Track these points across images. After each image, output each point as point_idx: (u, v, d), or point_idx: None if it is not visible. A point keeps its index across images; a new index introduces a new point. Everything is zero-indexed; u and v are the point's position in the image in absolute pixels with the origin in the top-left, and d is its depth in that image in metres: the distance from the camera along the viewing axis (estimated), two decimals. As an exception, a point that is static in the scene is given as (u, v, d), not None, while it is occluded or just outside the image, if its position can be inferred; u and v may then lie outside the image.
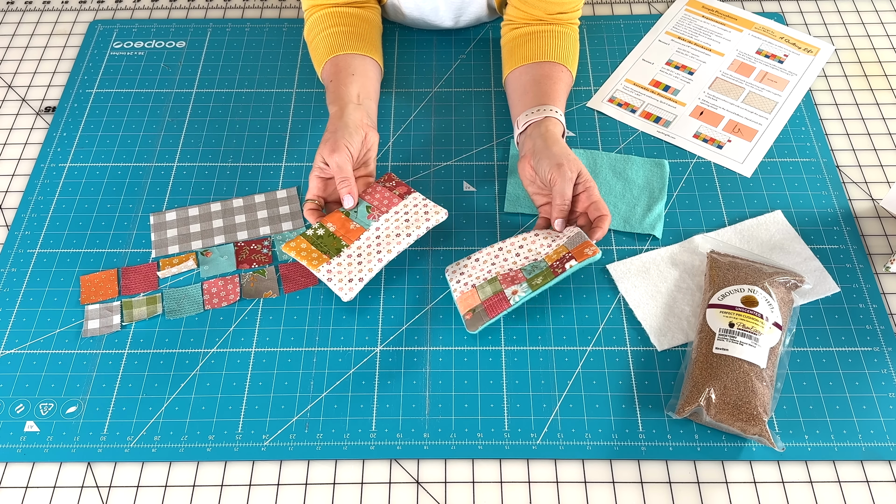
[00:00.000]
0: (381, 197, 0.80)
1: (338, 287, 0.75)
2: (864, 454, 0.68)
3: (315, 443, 0.70)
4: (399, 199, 0.80)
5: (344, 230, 0.78)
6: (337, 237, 0.77)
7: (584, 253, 0.75)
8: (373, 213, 0.78)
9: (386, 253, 0.76)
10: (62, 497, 0.68)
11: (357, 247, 0.77)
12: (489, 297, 0.75)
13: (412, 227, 0.78)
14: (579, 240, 0.76)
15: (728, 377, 0.68)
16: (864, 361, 0.74)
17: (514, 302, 0.74)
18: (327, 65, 0.88)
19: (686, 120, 0.93)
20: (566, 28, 0.90)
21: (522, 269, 0.77)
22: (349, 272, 0.75)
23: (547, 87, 0.85)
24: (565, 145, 0.80)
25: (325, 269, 0.76)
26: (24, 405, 0.73)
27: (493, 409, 0.71)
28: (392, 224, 0.78)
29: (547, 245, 0.78)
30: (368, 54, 0.89)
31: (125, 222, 0.85)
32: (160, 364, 0.75)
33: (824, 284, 0.79)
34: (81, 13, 1.09)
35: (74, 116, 0.95)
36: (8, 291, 0.80)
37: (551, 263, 0.76)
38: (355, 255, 0.76)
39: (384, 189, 0.81)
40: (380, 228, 0.78)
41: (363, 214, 0.79)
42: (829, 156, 0.90)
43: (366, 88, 0.86)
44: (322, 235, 0.78)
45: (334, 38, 0.89)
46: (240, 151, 0.91)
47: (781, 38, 1.03)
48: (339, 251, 0.76)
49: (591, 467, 0.68)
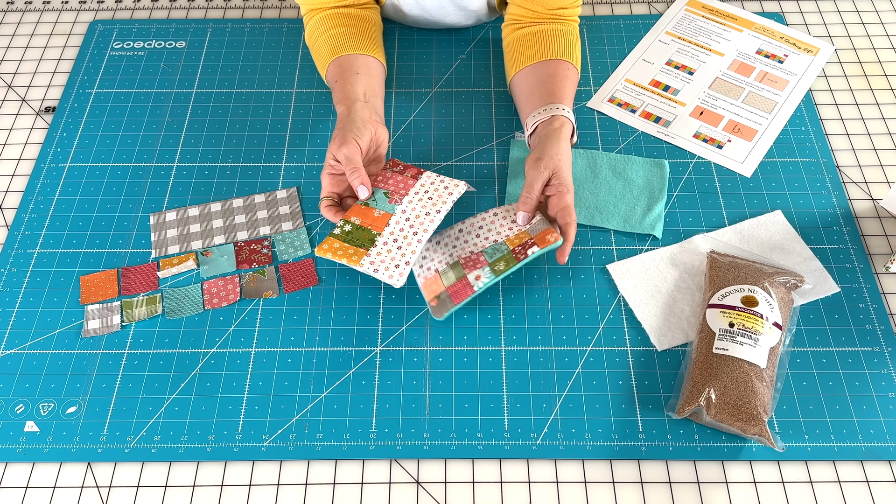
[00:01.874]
0: (395, 182, 0.80)
1: (387, 276, 0.73)
2: (864, 454, 0.68)
3: (315, 443, 0.70)
4: (413, 180, 0.79)
5: (370, 220, 0.77)
6: (366, 228, 0.76)
7: (546, 239, 0.75)
8: (393, 197, 0.78)
9: (422, 232, 0.75)
10: (62, 497, 0.68)
11: (389, 233, 0.76)
12: (453, 283, 0.75)
13: (438, 204, 0.77)
14: (542, 226, 0.77)
15: (728, 377, 0.68)
16: (864, 361, 0.74)
17: (478, 288, 0.74)
18: (331, 66, 0.88)
19: (686, 120, 0.93)
20: (567, 26, 0.90)
21: (484, 251, 0.77)
22: (392, 258, 0.74)
23: (553, 85, 0.85)
24: (564, 145, 0.79)
25: (368, 261, 0.74)
26: (24, 405, 0.73)
27: (493, 409, 0.71)
28: (417, 204, 0.77)
29: (507, 227, 0.78)
30: (371, 54, 0.89)
31: (125, 222, 0.85)
32: (160, 364, 0.75)
33: (824, 284, 0.79)
34: (81, 13, 1.09)
35: (74, 116, 0.95)
36: (8, 291, 0.80)
37: (513, 248, 0.76)
38: (391, 241, 0.75)
39: (395, 174, 0.80)
40: (405, 211, 0.77)
41: (383, 201, 0.78)
42: (829, 156, 0.90)
43: (371, 86, 0.86)
44: (350, 230, 0.77)
45: (336, 39, 0.89)
46: (240, 151, 0.91)
47: (781, 38, 1.03)
48: (374, 241, 0.75)
49: (591, 467, 0.68)
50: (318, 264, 0.82)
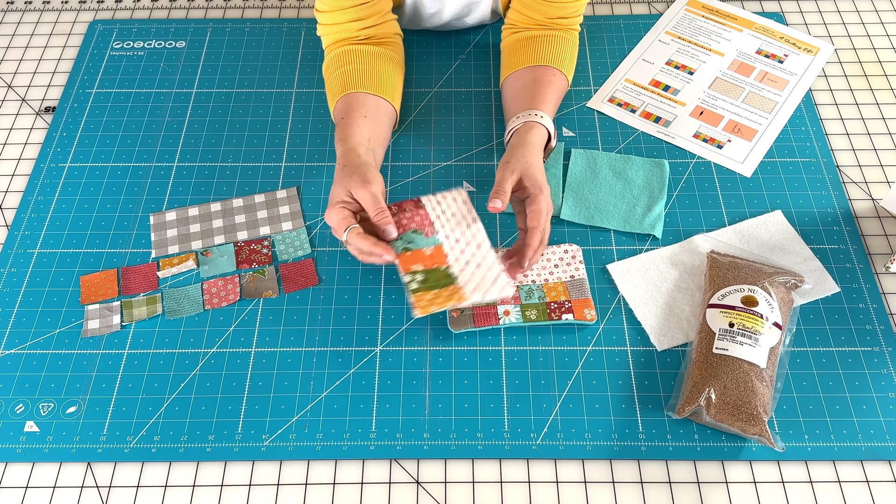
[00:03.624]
0: (409, 220, 0.75)
1: (499, 291, 0.69)
2: (864, 454, 0.68)
3: (315, 443, 0.70)
4: (421, 209, 0.75)
5: (428, 260, 0.72)
6: (433, 269, 0.71)
7: (582, 313, 0.76)
8: (425, 230, 0.73)
9: (483, 242, 0.72)
10: (62, 497, 0.68)
11: (455, 259, 0.71)
12: (481, 306, 0.75)
13: (467, 217, 0.74)
14: (582, 294, 0.77)
15: (728, 377, 0.68)
16: (864, 361, 0.74)
17: (503, 323, 0.75)
18: (340, 102, 0.84)
19: (686, 120, 0.93)
20: (565, 33, 0.90)
21: (520, 287, 0.77)
22: (483, 277, 0.70)
23: (535, 91, 0.85)
24: (530, 149, 0.78)
25: (470, 290, 0.69)
26: (24, 405, 0.73)
27: (493, 409, 0.71)
28: (448, 225, 0.73)
29: (547, 270, 0.78)
30: (384, 96, 0.85)
31: (125, 222, 0.85)
32: (160, 364, 0.75)
33: (824, 284, 0.79)
34: (81, 13, 1.09)
35: (74, 116, 0.95)
36: (8, 291, 0.80)
37: (549, 301, 0.76)
38: (465, 264, 0.71)
39: (402, 214, 0.75)
40: (449, 236, 0.73)
41: (421, 238, 0.72)
42: (829, 156, 0.90)
43: (377, 134, 0.82)
44: (424, 279, 0.71)
45: (349, 76, 0.84)
46: (240, 151, 0.91)
47: (781, 38, 1.02)
48: (450, 274, 0.71)
49: (591, 467, 0.68)
50: (318, 264, 0.82)
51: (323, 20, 0.88)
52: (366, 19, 0.87)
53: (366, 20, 0.87)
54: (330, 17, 0.87)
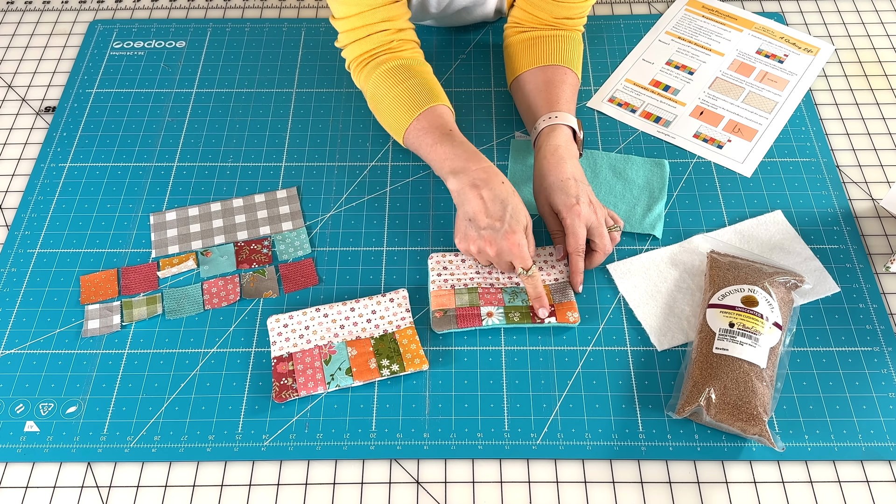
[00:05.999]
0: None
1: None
2: (864, 454, 0.68)
3: (315, 443, 0.70)
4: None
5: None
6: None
7: (565, 315, 0.76)
8: None
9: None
10: (62, 497, 0.68)
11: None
12: (464, 307, 0.76)
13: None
14: (566, 297, 0.77)
15: (728, 377, 0.68)
16: (864, 361, 0.74)
17: (486, 325, 0.75)
18: (422, 118, 0.81)
19: (686, 120, 0.93)
20: (571, 33, 0.90)
21: (503, 289, 0.77)
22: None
23: (556, 91, 0.85)
24: (572, 163, 0.79)
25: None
26: (24, 405, 0.73)
27: (493, 409, 0.71)
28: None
29: (535, 269, 0.78)
30: (447, 104, 0.84)
31: (125, 222, 0.85)
32: (160, 364, 0.75)
33: (824, 284, 0.79)
34: (81, 13, 1.09)
35: (74, 116, 0.95)
36: (8, 291, 0.80)
37: (532, 304, 0.76)
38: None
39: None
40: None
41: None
42: (829, 156, 0.90)
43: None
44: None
45: (418, 91, 0.82)
46: (240, 151, 0.91)
47: (781, 37, 1.03)
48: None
49: (591, 467, 0.68)
50: (318, 264, 0.82)
51: (347, 25, 0.84)
52: (398, 19, 0.84)
53: (397, 20, 0.84)
54: (359, 20, 0.83)
